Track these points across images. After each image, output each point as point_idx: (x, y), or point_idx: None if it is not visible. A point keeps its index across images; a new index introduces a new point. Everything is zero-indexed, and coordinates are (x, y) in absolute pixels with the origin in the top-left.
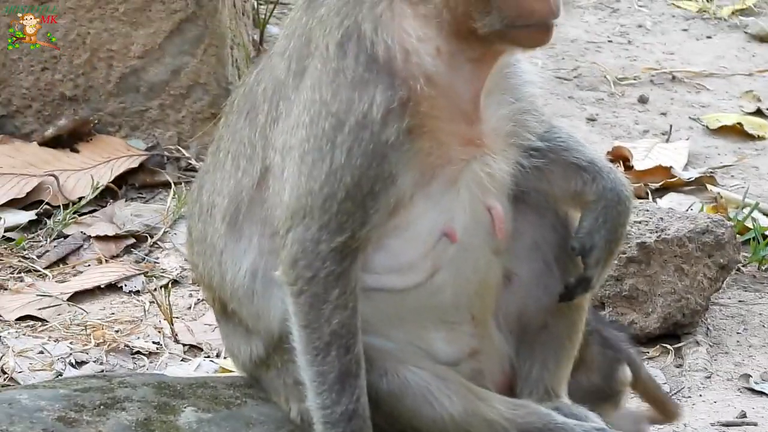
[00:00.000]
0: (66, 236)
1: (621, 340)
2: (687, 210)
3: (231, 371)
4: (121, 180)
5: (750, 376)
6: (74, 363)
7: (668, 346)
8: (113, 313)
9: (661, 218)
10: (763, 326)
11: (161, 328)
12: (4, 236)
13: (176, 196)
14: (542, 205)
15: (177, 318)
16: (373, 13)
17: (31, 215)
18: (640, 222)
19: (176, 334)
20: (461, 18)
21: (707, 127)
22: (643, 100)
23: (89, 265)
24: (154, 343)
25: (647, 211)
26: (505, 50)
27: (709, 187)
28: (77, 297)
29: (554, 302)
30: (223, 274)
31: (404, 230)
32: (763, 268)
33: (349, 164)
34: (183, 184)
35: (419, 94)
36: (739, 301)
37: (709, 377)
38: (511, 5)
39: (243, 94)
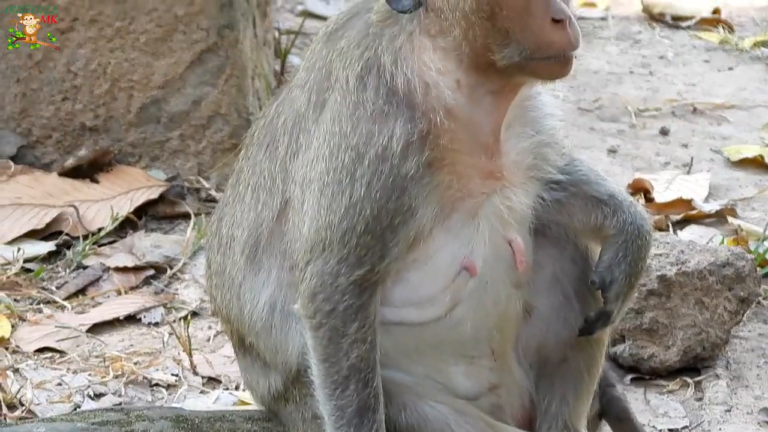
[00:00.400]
0: (85, 267)
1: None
2: (708, 242)
3: (250, 404)
4: (141, 211)
5: None
6: (92, 395)
7: (688, 380)
8: (132, 345)
9: (682, 251)
10: None
11: (180, 360)
12: (23, 267)
13: (196, 227)
14: (562, 239)
15: (196, 350)
16: (393, 45)
17: (50, 246)
18: (660, 254)
19: (195, 366)
20: (480, 50)
21: (728, 159)
22: (664, 131)
23: (108, 297)
24: (172, 375)
25: (668, 243)
26: (524, 82)
27: (730, 219)
28: (96, 328)
29: (574, 336)
30: (241, 307)
31: (424, 263)
32: None
33: (369, 197)
34: (203, 215)
35: (439, 127)
36: (760, 334)
37: (729, 411)
38: (530, 37)
39: (263, 126)
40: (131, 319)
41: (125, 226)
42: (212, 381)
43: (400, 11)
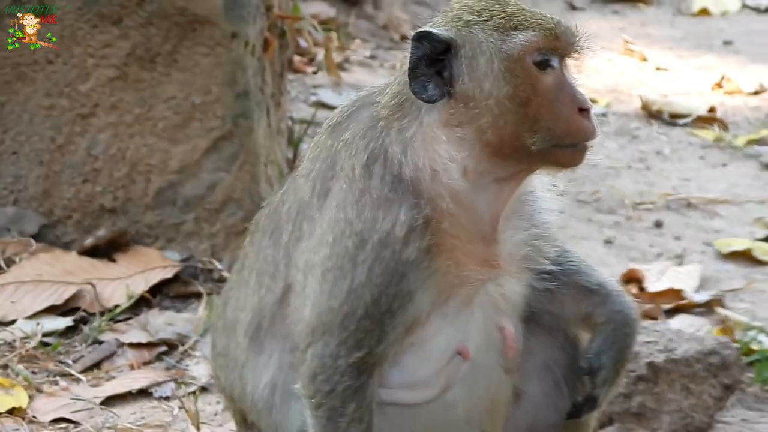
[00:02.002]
0: (101, 342)
1: None
2: (696, 331)
3: None
4: (156, 290)
5: None
6: None
7: None
8: (143, 417)
9: (671, 339)
10: None
11: None
12: (41, 341)
13: (208, 306)
14: (553, 327)
15: (204, 423)
16: (403, 137)
17: (68, 321)
18: (650, 342)
19: None
20: (508, 137)
21: (719, 252)
22: (658, 224)
23: (122, 371)
24: None
25: (657, 331)
26: (535, 170)
27: (718, 309)
28: (109, 401)
29: (562, 420)
30: (243, 386)
31: (419, 347)
32: (766, 388)
33: (370, 282)
34: (215, 294)
35: (444, 211)
36: (743, 419)
37: None
38: (561, 125)
39: (268, 214)
40: (143, 392)
41: (140, 304)
42: None
43: (427, 101)
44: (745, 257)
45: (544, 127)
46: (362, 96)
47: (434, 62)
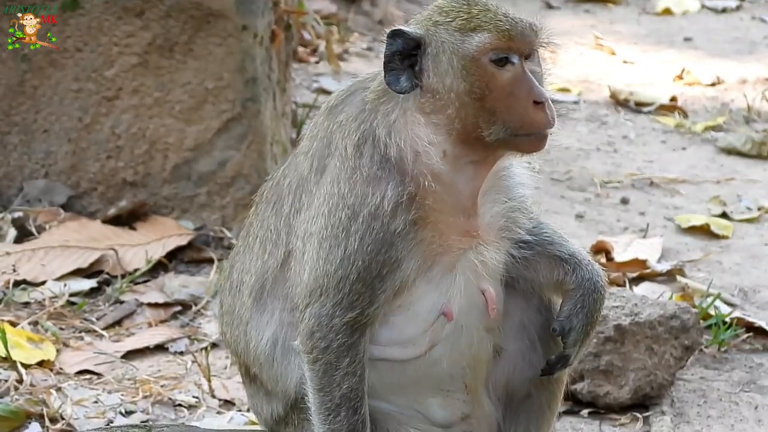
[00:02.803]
0: (122, 302)
1: None
2: (658, 297)
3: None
4: (172, 255)
5: None
6: (124, 412)
7: (638, 415)
8: (159, 370)
9: (636, 304)
10: (721, 400)
11: (200, 384)
12: (68, 300)
13: (219, 270)
14: (529, 291)
15: (214, 376)
16: (388, 120)
17: (92, 283)
18: (617, 307)
19: (213, 390)
20: (470, 127)
21: (679, 226)
22: (624, 201)
23: (141, 328)
24: (193, 397)
25: (623, 297)
26: (504, 155)
27: (678, 278)
28: (129, 355)
29: (537, 375)
30: (247, 342)
31: (407, 309)
32: (723, 349)
33: (361, 250)
34: (225, 260)
35: (426, 189)
36: (701, 377)
37: None
38: (515, 117)
39: (271, 186)
40: (160, 347)
41: (157, 268)
42: (227, 403)
43: (398, 92)
44: (702, 231)
45: (501, 119)
46: (357, 82)
47: (408, 57)
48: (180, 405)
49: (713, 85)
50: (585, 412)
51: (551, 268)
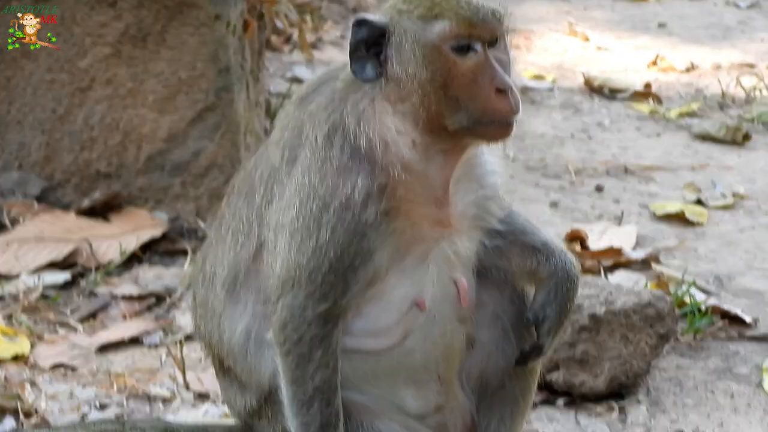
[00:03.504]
0: (96, 295)
1: None
2: (633, 286)
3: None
4: (146, 247)
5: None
6: (98, 406)
7: (614, 404)
8: (134, 363)
9: (610, 292)
10: (696, 388)
11: (175, 377)
12: (42, 293)
13: (193, 262)
14: (502, 281)
15: (189, 369)
16: (357, 109)
17: (67, 276)
18: (591, 295)
19: (188, 383)
20: (434, 115)
21: (654, 213)
22: (599, 188)
23: (115, 321)
24: (168, 390)
25: (598, 285)
26: (471, 143)
27: (653, 266)
28: (104, 348)
29: (511, 365)
30: (221, 334)
31: (380, 299)
32: (698, 338)
33: (333, 241)
34: (199, 251)
35: (396, 180)
36: (676, 366)
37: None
38: (477, 105)
39: (242, 177)
40: (134, 340)
41: (132, 260)
42: (202, 396)
43: (363, 81)
44: (677, 218)
45: (463, 107)
46: (327, 71)
47: (374, 45)
48: (155, 398)
49: (687, 71)
50: (560, 401)
51: (524, 257)
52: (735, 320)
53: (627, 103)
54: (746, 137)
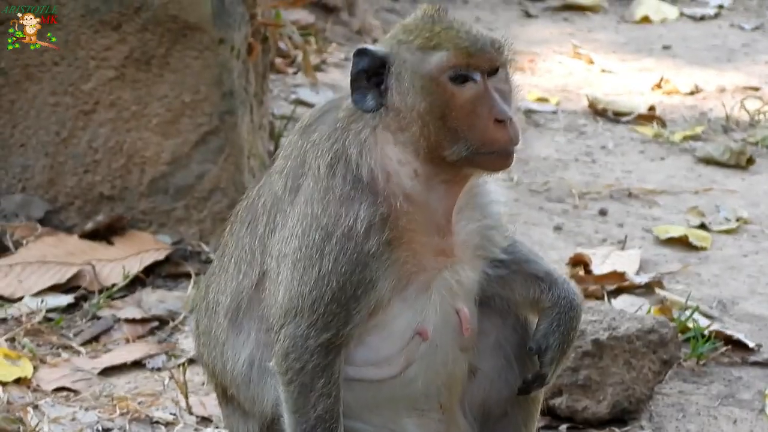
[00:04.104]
0: (99, 318)
1: None
2: (636, 311)
3: None
4: (149, 270)
5: None
6: (101, 430)
7: (616, 430)
8: (137, 387)
9: (613, 318)
10: (699, 414)
11: (178, 401)
12: (45, 316)
13: (196, 285)
14: (505, 310)
15: (192, 393)
16: (359, 139)
17: (69, 299)
18: (594, 321)
19: (191, 407)
20: (434, 146)
21: (658, 237)
22: (603, 212)
23: (118, 344)
24: (171, 414)
25: (601, 311)
26: (472, 173)
27: (657, 290)
28: (107, 371)
29: (513, 394)
30: (224, 363)
31: (382, 329)
32: (701, 363)
33: (336, 271)
34: (203, 275)
35: (398, 210)
36: (679, 391)
37: None
38: (476, 135)
39: (246, 206)
40: (137, 364)
41: (135, 283)
42: (205, 420)
43: (364, 111)
44: (681, 243)
45: (462, 138)
46: (331, 100)
47: (375, 75)
48: (157, 422)
49: (692, 93)
50: (563, 427)
51: (527, 286)
52: (738, 345)
53: (631, 126)
54: (750, 161)
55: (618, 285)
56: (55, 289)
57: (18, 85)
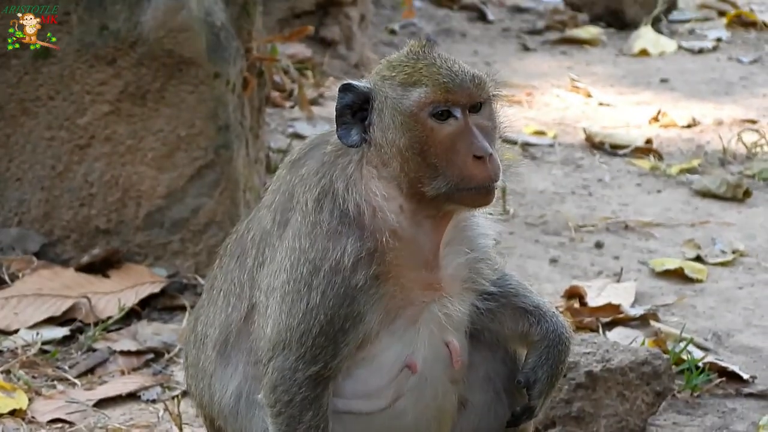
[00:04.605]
0: (95, 350)
1: None
2: (631, 343)
3: None
4: (145, 303)
5: None
6: None
7: None
8: (132, 419)
9: (607, 350)
10: None
11: None
12: (41, 348)
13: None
14: (494, 343)
15: (186, 424)
16: (345, 174)
17: (65, 331)
18: (588, 353)
19: None
20: (414, 182)
21: (653, 270)
22: (599, 245)
23: (113, 376)
24: None
25: (595, 343)
26: (455, 209)
27: (652, 322)
28: (102, 403)
29: (503, 427)
30: (212, 395)
31: (371, 362)
32: (695, 394)
33: (323, 305)
34: (192, 312)
35: (385, 245)
36: (674, 423)
37: None
38: (455, 171)
39: (235, 240)
40: (132, 396)
41: (131, 316)
42: None
43: (349, 146)
44: (676, 275)
45: (442, 174)
46: (319, 135)
47: (360, 110)
48: None
49: (689, 126)
50: None
51: (516, 319)
52: (733, 377)
53: (628, 159)
54: (747, 194)
55: (613, 317)
56: (51, 321)
57: (14, 120)
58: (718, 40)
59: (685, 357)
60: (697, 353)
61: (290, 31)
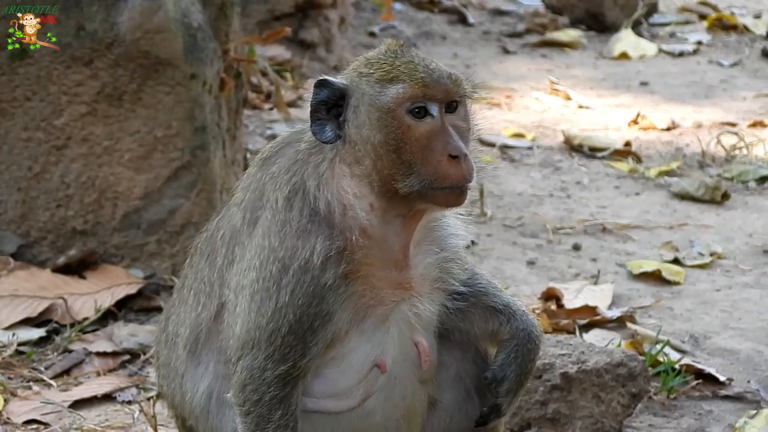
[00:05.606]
0: (71, 351)
1: None
2: (607, 345)
3: None
4: (121, 304)
5: None
6: None
7: None
8: (107, 420)
9: (582, 352)
10: None
11: None
12: (17, 350)
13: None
14: (464, 342)
15: (161, 425)
16: (317, 171)
17: (41, 332)
18: (564, 354)
19: None
20: (387, 179)
21: (631, 272)
22: (576, 247)
23: (89, 377)
24: None
25: (570, 345)
26: (426, 208)
27: (628, 324)
28: (77, 404)
29: (473, 426)
30: (183, 394)
31: (340, 361)
32: (672, 396)
33: (293, 303)
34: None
35: (355, 244)
36: (650, 425)
37: None
38: (429, 170)
39: (205, 238)
40: (108, 397)
41: (107, 317)
42: None
43: (323, 142)
44: (654, 277)
45: (416, 172)
46: (291, 133)
47: (335, 106)
48: None
49: (668, 129)
50: None
51: (486, 319)
52: (709, 379)
53: (606, 162)
54: (725, 196)
55: (590, 319)
56: (27, 322)
57: None
58: (699, 43)
59: (661, 359)
60: (674, 355)
61: (268, 32)
